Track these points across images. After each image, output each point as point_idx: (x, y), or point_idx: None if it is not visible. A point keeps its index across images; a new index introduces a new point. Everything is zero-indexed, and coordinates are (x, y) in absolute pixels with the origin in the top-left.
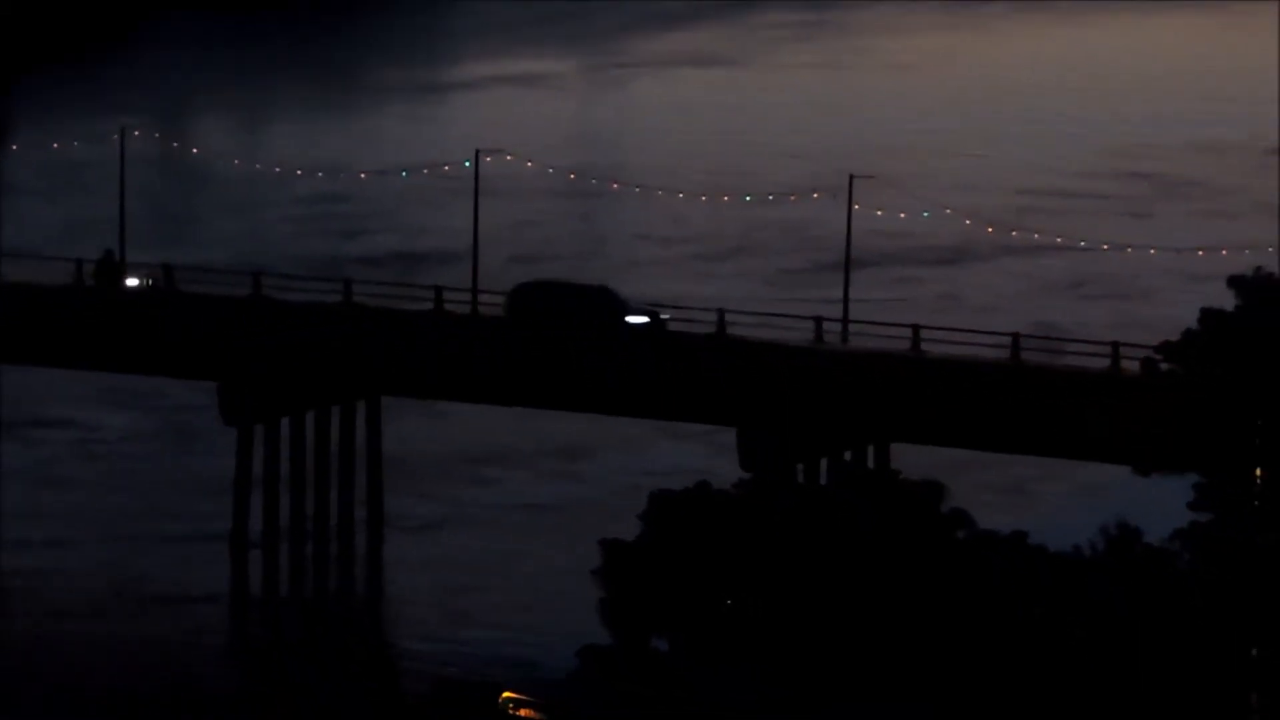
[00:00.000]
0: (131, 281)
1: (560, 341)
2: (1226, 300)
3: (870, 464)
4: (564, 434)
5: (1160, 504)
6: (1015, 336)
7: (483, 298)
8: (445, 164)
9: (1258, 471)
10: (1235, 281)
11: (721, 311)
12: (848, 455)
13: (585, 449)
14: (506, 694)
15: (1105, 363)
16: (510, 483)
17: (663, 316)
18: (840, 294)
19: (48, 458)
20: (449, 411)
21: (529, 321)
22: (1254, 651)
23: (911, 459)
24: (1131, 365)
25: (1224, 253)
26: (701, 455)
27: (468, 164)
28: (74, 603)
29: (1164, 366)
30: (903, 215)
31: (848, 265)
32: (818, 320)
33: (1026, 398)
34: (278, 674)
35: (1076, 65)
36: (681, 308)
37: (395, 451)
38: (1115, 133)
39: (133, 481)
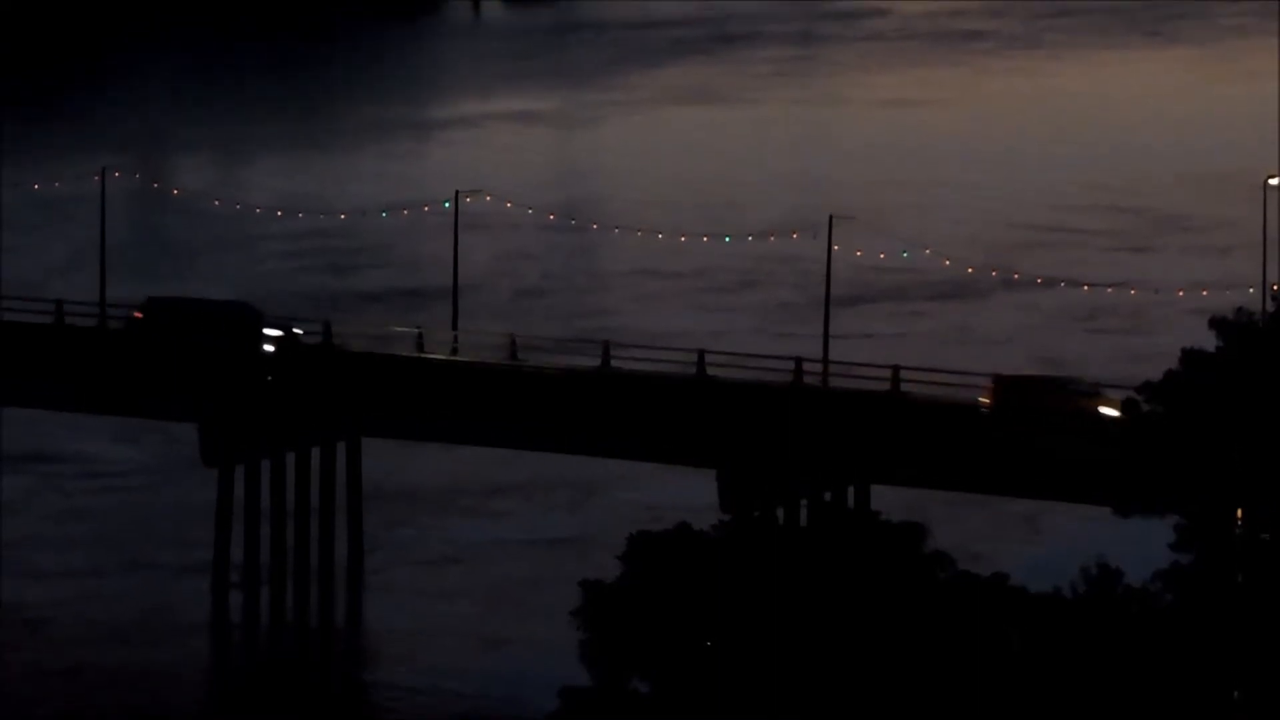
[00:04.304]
0: None
1: (539, 383)
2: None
3: (851, 505)
4: (569, 467)
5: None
6: (995, 378)
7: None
8: (425, 204)
9: (1239, 512)
10: (1217, 323)
11: (701, 352)
12: (828, 496)
13: (589, 483)
14: None
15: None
16: (516, 516)
17: (295, 331)
18: (838, 329)
19: (53, 491)
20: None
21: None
22: (1235, 694)
23: (922, 491)
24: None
25: (1204, 294)
26: (711, 491)
27: (447, 204)
28: (81, 633)
29: (1145, 407)
30: (882, 255)
31: (827, 306)
32: (798, 361)
33: (1007, 438)
34: (257, 710)
35: (1063, 102)
36: (664, 348)
37: (399, 484)
38: (1105, 168)
39: (138, 514)
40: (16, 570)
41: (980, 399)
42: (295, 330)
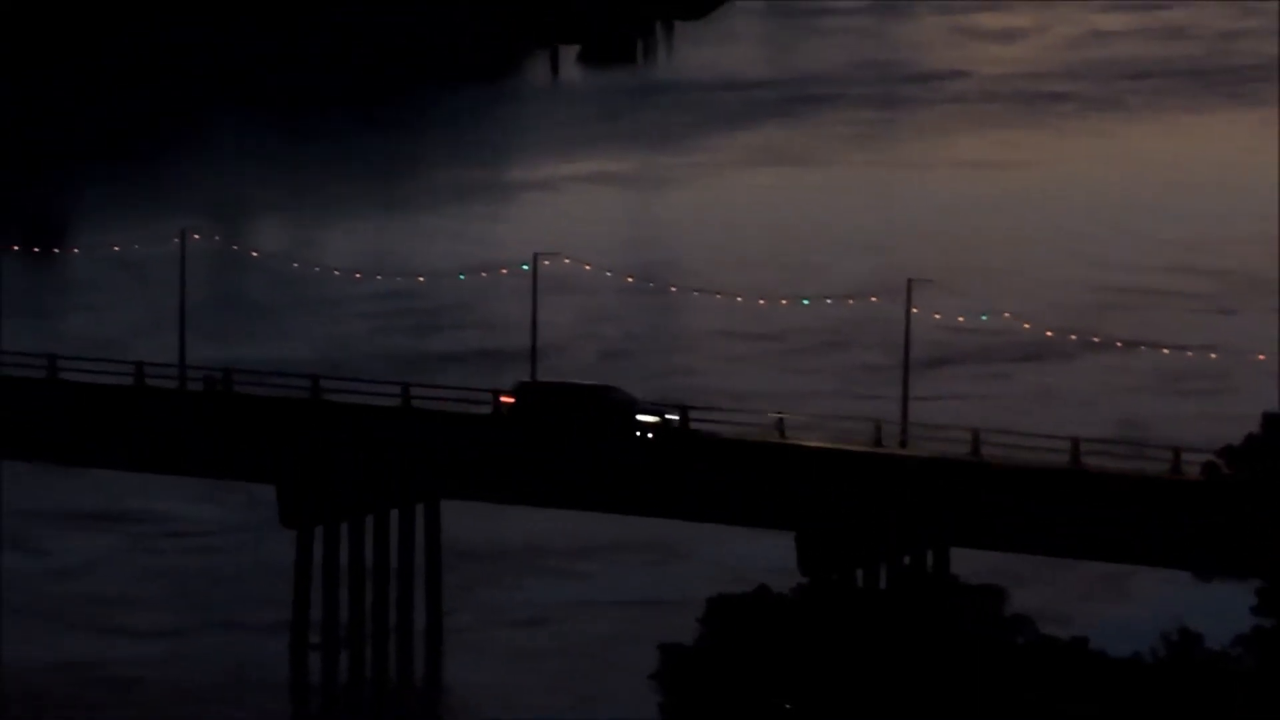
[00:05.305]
0: None
1: (620, 447)
2: None
3: (931, 568)
4: (649, 529)
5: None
6: (1075, 441)
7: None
8: (504, 266)
9: None
10: None
11: (781, 415)
12: (907, 559)
13: (670, 544)
14: None
15: (1166, 466)
16: (597, 577)
17: (669, 416)
18: (919, 391)
19: (136, 550)
20: None
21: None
22: None
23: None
24: (1193, 469)
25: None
26: (790, 553)
27: (525, 267)
28: (165, 692)
29: (1226, 471)
30: (961, 319)
31: (906, 368)
32: (876, 423)
33: (1086, 502)
34: None
35: (1144, 163)
36: (742, 410)
37: (482, 545)
38: (1186, 229)
39: (220, 574)
40: (102, 628)
41: None
42: (669, 415)
